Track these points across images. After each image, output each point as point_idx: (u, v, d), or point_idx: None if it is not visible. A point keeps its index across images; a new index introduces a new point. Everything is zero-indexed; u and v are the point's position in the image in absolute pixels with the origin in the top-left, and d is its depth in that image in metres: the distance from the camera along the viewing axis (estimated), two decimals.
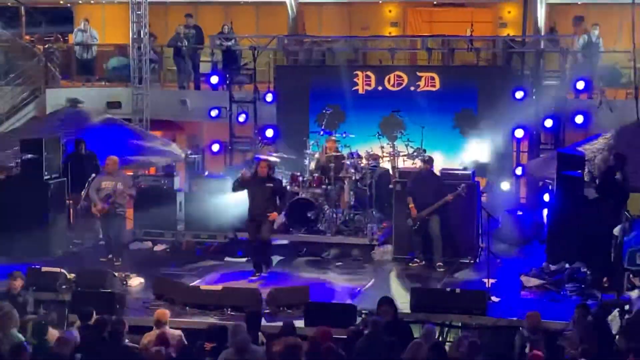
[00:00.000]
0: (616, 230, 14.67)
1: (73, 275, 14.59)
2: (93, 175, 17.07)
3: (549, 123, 19.56)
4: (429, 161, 16.43)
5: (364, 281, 15.29)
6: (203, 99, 22.23)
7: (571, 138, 19.75)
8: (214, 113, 21.19)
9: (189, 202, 17.56)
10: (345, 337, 11.49)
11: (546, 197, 17.60)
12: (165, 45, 23.68)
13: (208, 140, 21.55)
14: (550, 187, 17.17)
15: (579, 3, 24.14)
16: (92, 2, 26.97)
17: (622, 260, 14.45)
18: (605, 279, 14.43)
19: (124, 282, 14.89)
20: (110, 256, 16.40)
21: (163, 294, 14.14)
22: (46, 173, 16.93)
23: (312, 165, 17.85)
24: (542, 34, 22.44)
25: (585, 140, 18.55)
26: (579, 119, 19.60)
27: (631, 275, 14.32)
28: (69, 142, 18.39)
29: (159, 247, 17.62)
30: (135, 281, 15.13)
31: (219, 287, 14.27)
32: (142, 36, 22.26)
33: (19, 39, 25.38)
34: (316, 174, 17.35)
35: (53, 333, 11.30)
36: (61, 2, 26.52)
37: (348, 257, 16.72)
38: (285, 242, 17.26)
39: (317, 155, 17.90)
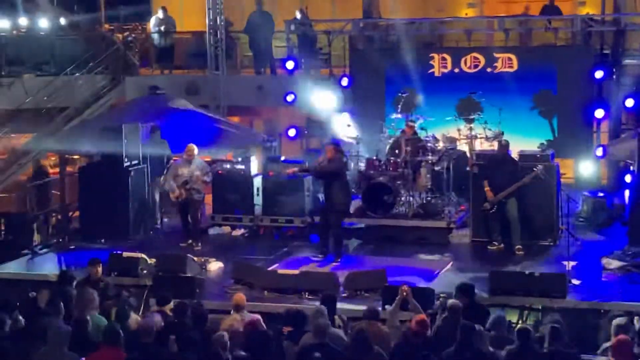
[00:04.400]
0: None
1: (153, 260, 14.80)
2: (171, 161, 17.28)
3: (630, 103, 19.19)
4: (506, 144, 16.24)
5: (441, 264, 15.22)
6: (279, 84, 22.29)
7: None
8: (290, 98, 21.23)
9: (266, 187, 17.67)
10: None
11: (628, 178, 17.29)
12: (241, 31, 23.79)
13: (284, 126, 21.61)
14: (631, 168, 16.86)
15: None
16: None
17: None
18: None
19: (203, 267, 15.05)
20: (189, 241, 16.60)
21: (241, 278, 14.27)
22: (126, 160, 17.18)
23: (389, 148, 17.79)
24: (622, 11, 21.98)
25: None
26: None
27: None
28: (145, 129, 18.60)
29: (237, 232, 17.77)
30: (214, 266, 15.29)
31: (296, 271, 14.34)
32: (218, 22, 22.39)
33: (98, 28, 25.78)
34: (392, 158, 17.29)
35: (134, 318, 11.49)
36: None
37: (426, 240, 16.65)
38: (361, 225, 17.26)
39: (393, 139, 17.84)
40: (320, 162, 15.98)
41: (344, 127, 19.13)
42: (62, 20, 25.86)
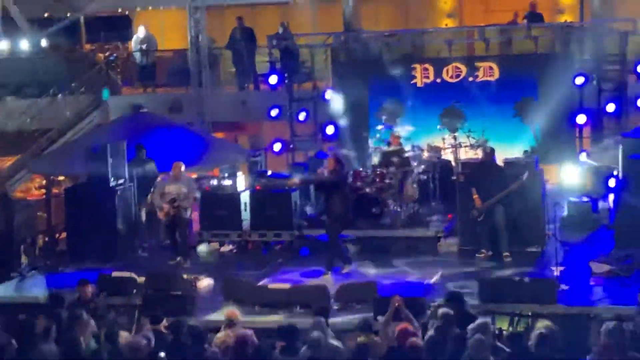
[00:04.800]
0: None
1: (143, 279, 14.78)
2: (158, 179, 17.30)
3: (611, 107, 19.37)
4: (491, 152, 16.34)
5: (431, 274, 15.27)
6: (262, 99, 22.37)
7: (634, 122, 19.51)
8: (274, 112, 21.31)
9: (253, 202, 17.69)
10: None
11: (611, 182, 17.41)
12: (223, 47, 23.86)
13: (269, 140, 21.68)
14: (615, 172, 16.98)
15: None
16: (150, 8, 27.25)
17: None
18: None
19: (193, 284, 15.03)
20: (178, 259, 16.60)
21: (232, 294, 14.26)
22: (112, 179, 17.17)
23: (375, 160, 17.87)
24: (600, 18, 22.20)
25: None
26: None
27: None
28: (130, 148, 18.62)
29: (225, 248, 17.78)
30: (204, 282, 15.27)
31: (287, 285, 14.35)
32: (200, 40, 22.45)
33: (79, 49, 25.80)
34: (379, 169, 17.36)
35: (125, 337, 11.47)
36: (119, 10, 26.86)
37: (414, 250, 16.70)
38: (351, 237, 17.30)
39: (379, 150, 17.92)
40: (321, 173, 16.01)
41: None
42: (43, 42, 25.86)
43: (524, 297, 13.22)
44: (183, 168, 16.74)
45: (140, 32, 24.24)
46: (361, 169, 17.65)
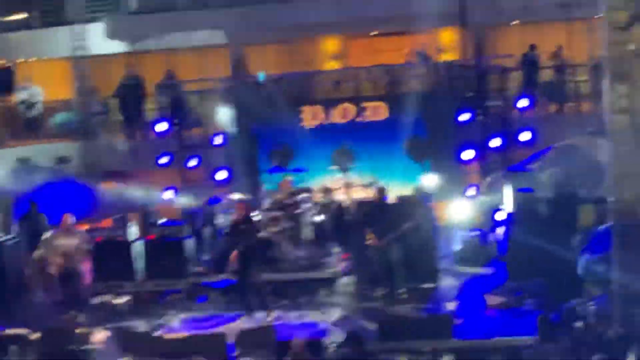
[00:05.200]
0: (572, 242, 14.90)
1: (37, 335, 14.44)
2: (48, 233, 16.94)
3: (496, 142, 19.82)
4: (383, 190, 16.53)
5: (329, 315, 15.30)
6: (152, 146, 22.19)
7: (519, 155, 19.99)
8: (163, 160, 21.17)
9: (147, 251, 17.47)
10: None
11: (498, 216, 17.78)
12: (109, 97, 23.65)
13: (161, 188, 21.48)
14: (501, 206, 17.34)
15: (515, 23, 24.53)
16: (33, 59, 26.84)
17: (581, 271, 14.67)
18: (565, 291, 14.62)
19: (88, 338, 14.75)
20: (72, 312, 16.26)
21: (128, 346, 14.03)
22: (0, 235, 16.79)
23: (267, 204, 17.88)
24: (482, 56, 22.75)
25: (534, 156, 18.81)
26: (525, 136, 19.88)
27: (591, 285, 14.53)
28: (21, 201, 18.25)
29: (120, 300, 17.50)
30: (99, 336, 15.00)
31: (183, 334, 14.20)
32: (85, 90, 22.22)
33: None
34: (272, 213, 17.37)
35: None
36: (1, 61, 26.37)
37: (312, 292, 16.72)
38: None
39: (271, 194, 17.95)
40: (234, 220, 15.73)
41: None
42: None
43: (422, 333, 13.36)
44: (73, 220, 16.46)
45: (24, 83, 23.84)
46: (255, 213, 17.62)
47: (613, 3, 12.44)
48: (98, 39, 23.23)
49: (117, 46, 24.73)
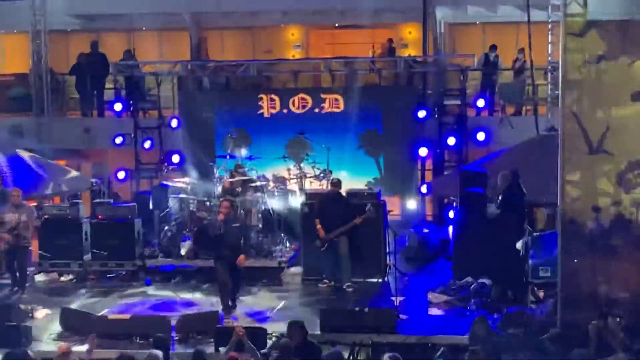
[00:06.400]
0: (519, 245, 15.02)
1: None
2: None
3: (451, 141, 19.93)
4: (337, 183, 16.52)
5: (273, 304, 15.30)
6: (107, 126, 22.05)
7: (474, 155, 20.12)
8: (118, 140, 21.06)
9: (95, 231, 17.35)
10: None
11: (451, 214, 17.90)
12: (67, 73, 23.42)
13: (113, 168, 21.36)
14: (454, 204, 17.46)
15: (477, 23, 24.63)
16: None
17: (526, 274, 14.80)
18: (510, 293, 14.75)
19: (30, 315, 14.64)
20: (15, 289, 16.13)
21: (70, 325, 13.95)
22: None
23: (220, 190, 17.82)
24: (442, 53, 22.85)
25: (488, 157, 18.93)
26: (481, 136, 20.04)
27: (535, 288, 14.67)
28: None
29: (65, 278, 17.37)
30: (42, 313, 14.89)
31: (127, 316, 14.13)
32: (42, 65, 21.99)
33: None
34: (223, 199, 17.29)
35: None
36: None
37: (258, 280, 16.69)
38: (194, 267, 17.19)
39: (224, 179, 17.89)
40: (221, 221, 14.76)
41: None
42: None
43: (365, 326, 13.41)
44: (21, 195, 16.30)
45: None
46: (206, 199, 17.56)
47: (571, 10, 12.53)
48: (58, 14, 22.97)
49: (76, 22, 24.49)
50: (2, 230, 16.01)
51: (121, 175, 20.84)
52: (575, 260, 12.91)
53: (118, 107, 21.46)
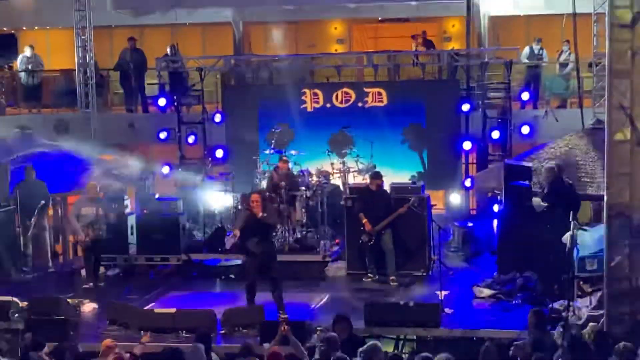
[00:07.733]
0: (565, 238, 14.88)
1: (25, 303, 14.47)
2: (42, 202, 16.96)
3: (495, 134, 19.78)
4: (378, 176, 16.51)
5: (318, 298, 15.32)
6: (151, 121, 22.18)
7: (518, 149, 19.98)
8: (162, 135, 21.16)
9: (140, 225, 17.49)
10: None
11: (495, 208, 17.80)
12: (111, 69, 23.60)
13: (158, 163, 21.47)
14: (499, 198, 17.35)
15: (522, 15, 24.45)
16: (36, 27, 26.78)
17: (572, 268, 14.66)
18: (555, 287, 14.63)
19: (78, 309, 14.79)
20: (90, 284, 16.40)
21: (117, 319, 14.08)
22: None
23: (264, 184, 17.87)
24: (486, 46, 22.70)
25: (532, 150, 18.78)
26: (525, 130, 19.87)
27: (581, 282, 14.53)
28: (18, 169, 18.24)
29: (111, 272, 17.52)
30: (89, 307, 15.05)
31: (172, 310, 14.22)
32: (87, 60, 22.18)
33: None
34: (267, 193, 17.34)
35: None
36: (5, 28, 26.31)
37: (302, 274, 16.71)
38: (238, 262, 17.24)
39: (268, 174, 17.94)
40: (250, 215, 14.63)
41: None
42: None
43: (409, 321, 13.40)
44: (96, 188, 16.49)
45: (26, 51, 23.78)
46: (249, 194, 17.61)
47: (617, 1, 12.37)
48: (102, 10, 23.14)
49: (121, 18, 24.65)
50: (81, 223, 16.21)
51: (166, 170, 20.92)
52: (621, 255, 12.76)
53: (162, 102, 21.56)
